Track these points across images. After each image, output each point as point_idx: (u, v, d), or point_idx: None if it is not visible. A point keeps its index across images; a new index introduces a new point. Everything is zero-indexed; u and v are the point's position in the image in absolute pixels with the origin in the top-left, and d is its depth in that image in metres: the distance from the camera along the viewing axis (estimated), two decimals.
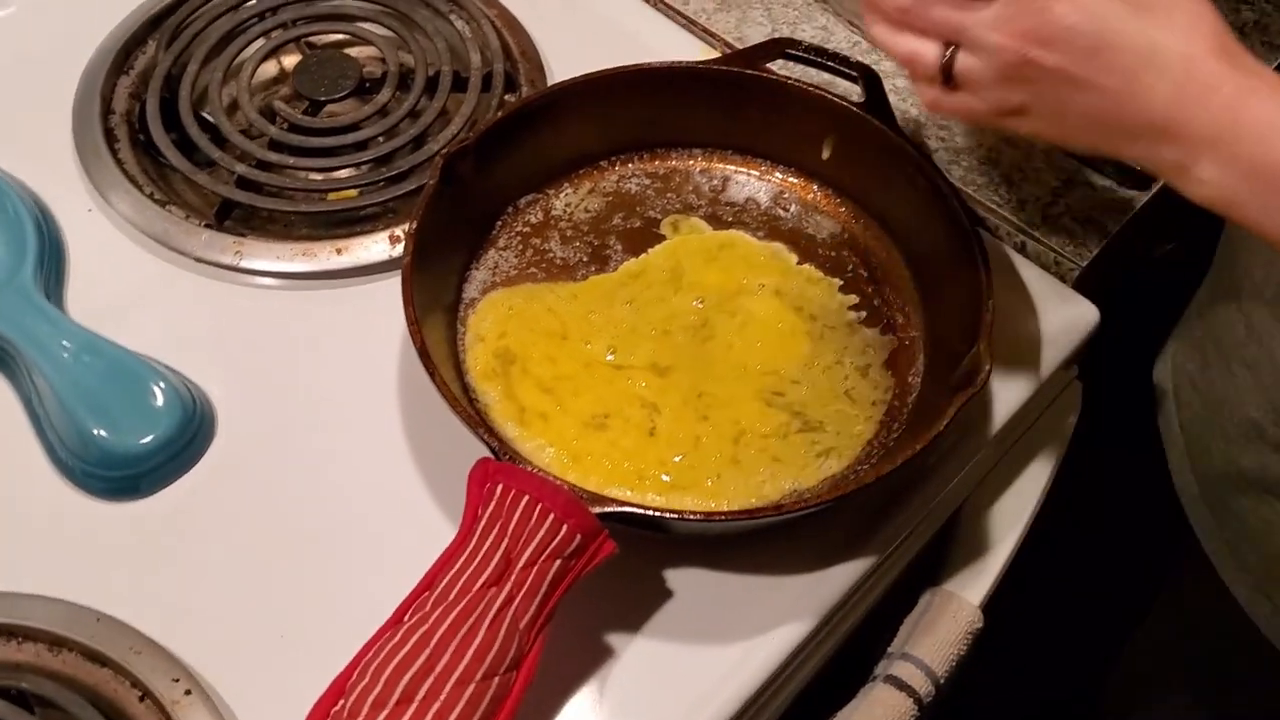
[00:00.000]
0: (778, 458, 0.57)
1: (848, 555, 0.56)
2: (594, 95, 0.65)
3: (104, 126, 0.69)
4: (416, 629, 0.45)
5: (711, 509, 0.54)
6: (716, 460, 0.57)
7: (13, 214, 0.62)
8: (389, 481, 0.57)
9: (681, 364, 0.60)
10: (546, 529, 0.47)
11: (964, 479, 0.61)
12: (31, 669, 0.49)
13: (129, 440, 0.55)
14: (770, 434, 0.58)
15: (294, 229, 0.67)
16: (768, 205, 0.67)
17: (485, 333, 0.61)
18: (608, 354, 0.60)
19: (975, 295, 0.56)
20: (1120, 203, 0.68)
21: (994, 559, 0.62)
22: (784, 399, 0.59)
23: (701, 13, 0.77)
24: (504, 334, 0.61)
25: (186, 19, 0.74)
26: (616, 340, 0.61)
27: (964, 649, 0.59)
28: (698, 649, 0.53)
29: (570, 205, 0.66)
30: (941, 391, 0.56)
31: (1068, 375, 0.67)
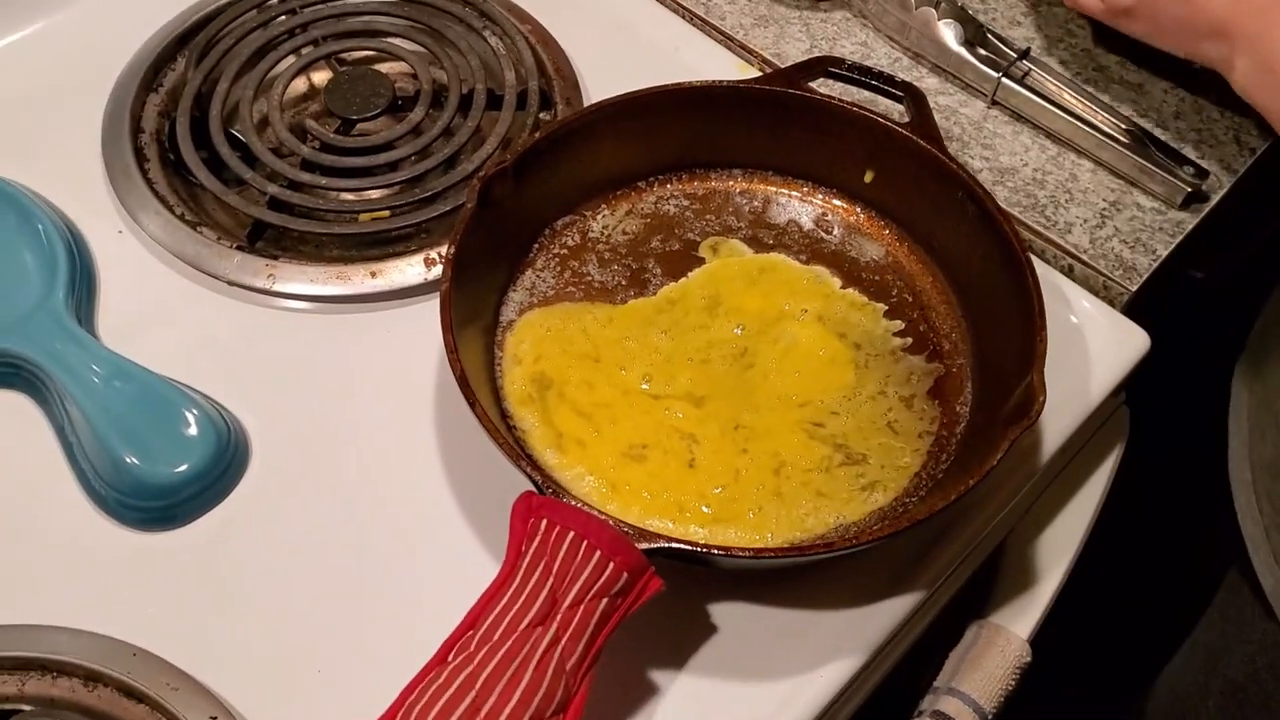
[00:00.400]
0: (821, 491, 0.55)
1: (895, 590, 0.54)
2: (633, 114, 0.64)
3: (134, 145, 0.68)
4: (461, 670, 0.44)
5: (757, 543, 0.53)
6: (758, 493, 0.55)
7: (43, 236, 0.61)
8: (426, 511, 0.56)
9: (720, 393, 0.59)
10: (593, 567, 0.46)
11: (1012, 510, 0.59)
12: (67, 705, 0.48)
13: (162, 469, 0.54)
14: (812, 467, 0.56)
15: (325, 250, 0.66)
16: (810, 228, 0.66)
17: (522, 355, 0.60)
18: (643, 383, 0.59)
19: (1027, 322, 0.55)
20: (1170, 225, 0.67)
21: (1042, 591, 0.61)
22: (825, 430, 0.58)
23: (739, 29, 0.76)
24: (540, 357, 0.60)
25: (216, 36, 0.73)
26: (653, 369, 0.59)
27: (1012, 684, 0.58)
28: (744, 686, 0.52)
29: (607, 227, 0.65)
30: (992, 421, 0.55)
31: (1115, 401, 0.66)
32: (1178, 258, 0.67)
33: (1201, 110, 0.72)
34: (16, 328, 0.58)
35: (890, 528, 0.50)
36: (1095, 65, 0.74)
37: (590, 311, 0.62)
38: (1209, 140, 0.71)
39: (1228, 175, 0.69)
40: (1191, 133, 0.71)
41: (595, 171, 0.65)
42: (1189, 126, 0.71)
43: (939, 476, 0.56)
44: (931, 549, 0.56)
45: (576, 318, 0.61)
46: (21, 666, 0.49)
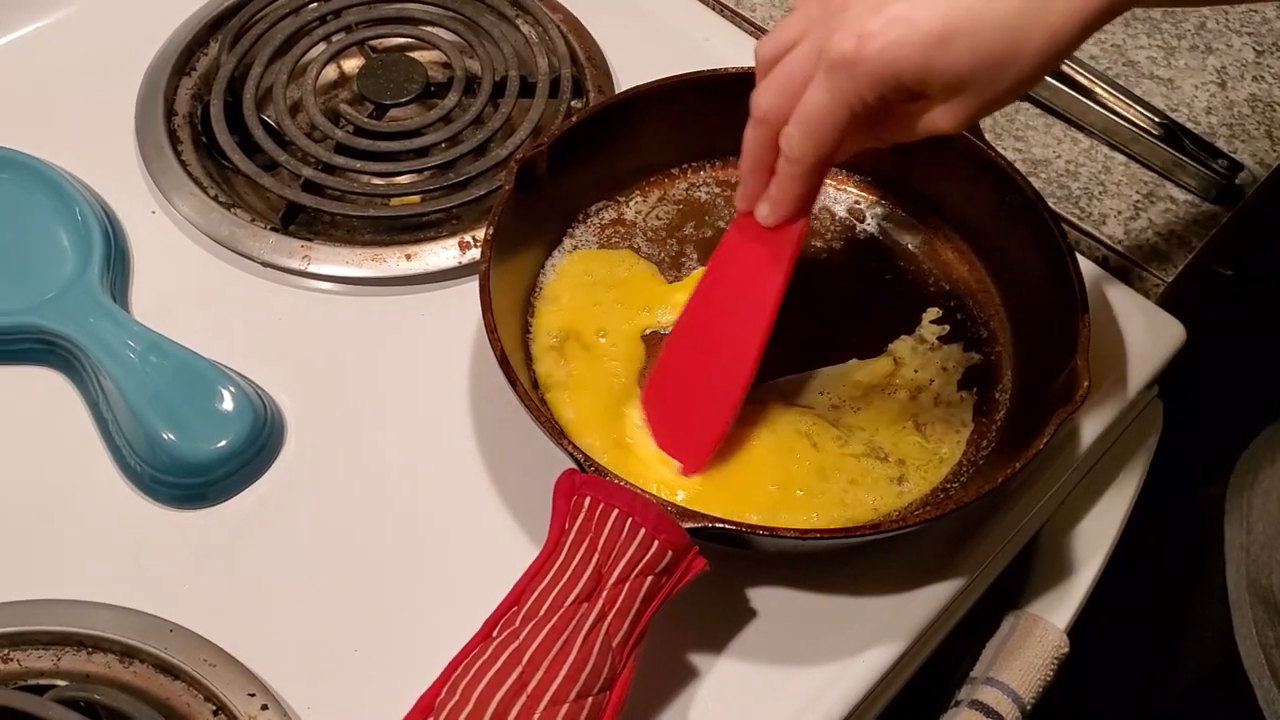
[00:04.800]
0: (855, 480, 0.55)
1: (935, 577, 0.54)
2: (668, 101, 0.64)
3: (167, 128, 0.68)
4: (507, 645, 0.44)
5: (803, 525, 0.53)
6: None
7: (78, 216, 0.61)
8: (462, 490, 0.55)
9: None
10: (638, 544, 0.46)
11: (1050, 499, 0.59)
12: (102, 680, 0.48)
13: (200, 445, 0.53)
14: (849, 453, 0.56)
15: (357, 234, 0.66)
16: (843, 215, 0.66)
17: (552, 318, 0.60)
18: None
19: (1068, 308, 0.54)
20: (1205, 217, 0.67)
21: (1078, 583, 0.61)
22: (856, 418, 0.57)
23: (769, 20, 0.76)
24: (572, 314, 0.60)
25: (249, 21, 0.73)
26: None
27: (1050, 674, 0.57)
28: (784, 671, 0.51)
29: (641, 212, 0.65)
30: (1032, 409, 0.54)
31: (1149, 394, 0.65)
32: (1209, 252, 0.67)
33: (1233, 105, 0.72)
34: (52, 304, 0.57)
35: (935, 511, 0.49)
36: (1125, 60, 0.74)
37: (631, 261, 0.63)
38: (1240, 135, 0.71)
39: (1261, 169, 0.69)
40: (1223, 127, 0.71)
41: (629, 157, 0.65)
42: (1220, 121, 0.71)
43: (979, 463, 0.56)
44: (972, 536, 0.55)
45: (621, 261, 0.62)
46: (57, 642, 0.49)
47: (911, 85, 0.42)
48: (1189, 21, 0.77)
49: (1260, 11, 0.77)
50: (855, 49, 0.41)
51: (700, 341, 0.56)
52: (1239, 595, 0.63)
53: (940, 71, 0.41)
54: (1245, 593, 0.63)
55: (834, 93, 0.43)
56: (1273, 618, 0.61)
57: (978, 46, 0.41)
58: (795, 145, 0.46)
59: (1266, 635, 0.61)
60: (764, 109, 0.47)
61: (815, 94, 0.44)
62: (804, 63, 0.44)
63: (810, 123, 0.44)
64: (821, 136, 0.44)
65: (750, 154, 0.49)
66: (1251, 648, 0.62)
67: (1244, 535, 0.64)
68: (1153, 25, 0.76)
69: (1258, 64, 0.74)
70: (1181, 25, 0.76)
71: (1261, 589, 0.62)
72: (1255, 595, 0.62)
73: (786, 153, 0.46)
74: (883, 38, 0.41)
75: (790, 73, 0.45)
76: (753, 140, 0.48)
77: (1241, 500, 0.65)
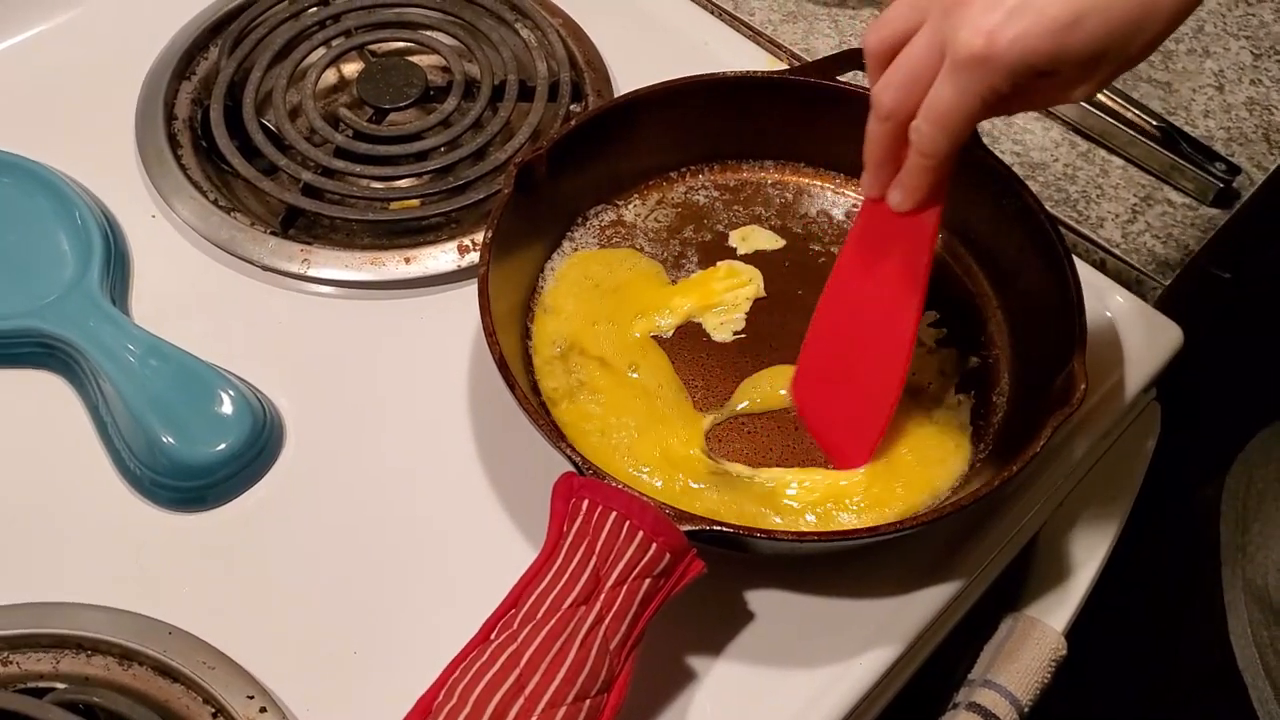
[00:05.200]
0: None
1: (933, 579, 0.54)
2: (666, 104, 0.64)
3: (167, 132, 0.68)
4: (505, 648, 0.44)
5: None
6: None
7: (78, 219, 0.61)
8: (460, 493, 0.56)
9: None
10: (636, 547, 0.46)
11: (1048, 502, 0.59)
12: (102, 683, 0.48)
13: (199, 448, 0.53)
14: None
15: (356, 238, 0.66)
16: (841, 219, 0.66)
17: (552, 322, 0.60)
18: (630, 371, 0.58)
19: (1065, 311, 0.55)
20: (1203, 221, 0.67)
21: (1076, 585, 0.61)
22: None
23: (768, 24, 0.76)
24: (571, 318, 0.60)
25: (248, 26, 0.73)
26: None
27: (1048, 677, 0.57)
28: (781, 673, 0.52)
29: (640, 215, 0.65)
30: (1029, 411, 0.55)
31: (1147, 397, 0.65)
32: (1207, 255, 0.67)
33: (1231, 109, 0.72)
34: (52, 307, 0.58)
35: (932, 514, 0.50)
36: None
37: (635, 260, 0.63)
38: (1238, 139, 0.71)
39: (1259, 173, 0.69)
40: (1221, 131, 0.71)
41: (628, 161, 0.65)
42: (1218, 125, 0.71)
43: (976, 465, 0.56)
44: (970, 539, 0.55)
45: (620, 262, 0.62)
46: (56, 644, 0.49)
47: (1045, 70, 0.42)
48: (1186, 25, 0.77)
49: (1258, 15, 0.78)
50: (986, 45, 0.41)
51: (847, 333, 0.56)
52: (1234, 596, 0.63)
53: (1074, 53, 0.41)
54: (1241, 593, 0.63)
55: (966, 89, 0.43)
56: (1268, 617, 0.61)
57: (1110, 21, 0.41)
58: (928, 141, 0.46)
59: (1261, 635, 0.61)
60: (889, 107, 0.46)
61: (946, 91, 0.43)
62: (926, 58, 0.44)
63: (944, 119, 0.44)
64: (955, 130, 0.45)
65: (877, 148, 0.49)
66: (1246, 647, 0.62)
67: (1240, 536, 0.64)
68: None
69: (1255, 68, 0.75)
70: (1179, 29, 0.76)
71: (1257, 589, 0.62)
72: (1250, 595, 0.62)
73: (919, 147, 0.46)
74: (1012, 30, 0.41)
75: (913, 69, 0.45)
76: (879, 135, 0.48)
77: (1237, 501, 0.65)
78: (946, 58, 0.43)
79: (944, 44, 0.43)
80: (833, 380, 0.56)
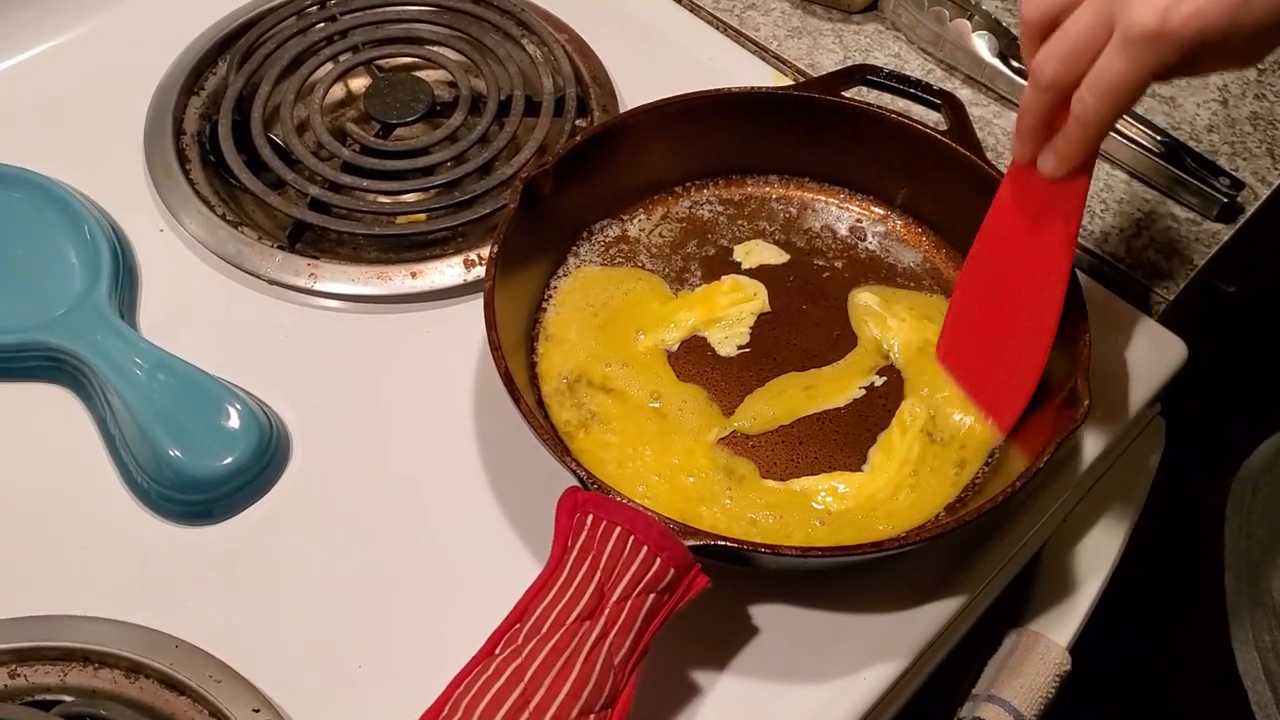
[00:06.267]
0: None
1: (937, 594, 0.54)
2: (672, 119, 0.64)
3: (175, 146, 0.68)
4: (510, 663, 0.44)
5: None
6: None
7: (87, 234, 0.62)
8: (466, 506, 0.56)
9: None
10: (640, 562, 0.46)
11: (1052, 516, 0.59)
12: (109, 695, 0.48)
13: (206, 461, 0.54)
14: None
15: (363, 252, 0.66)
16: (844, 234, 0.66)
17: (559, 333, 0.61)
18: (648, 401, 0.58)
19: (1070, 327, 0.55)
20: (1207, 235, 0.67)
21: (1080, 600, 0.61)
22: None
23: (773, 40, 0.76)
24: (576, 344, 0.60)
25: (256, 41, 0.74)
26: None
27: (1052, 691, 0.57)
28: (785, 688, 0.52)
29: (644, 230, 0.66)
30: (1034, 426, 0.55)
31: (1151, 411, 0.65)
32: (1211, 270, 0.67)
33: (1235, 124, 0.72)
34: (61, 321, 0.58)
35: (936, 529, 0.50)
36: None
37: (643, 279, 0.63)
38: (1243, 154, 0.71)
39: (1263, 187, 0.69)
40: (1225, 146, 0.71)
41: (633, 176, 0.65)
42: (1222, 140, 0.72)
43: (979, 481, 0.56)
44: (974, 554, 0.56)
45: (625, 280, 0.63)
46: (63, 657, 0.49)
47: (1217, 43, 0.42)
48: None
49: None
50: (1160, 22, 0.41)
51: (994, 304, 0.57)
52: (1238, 601, 0.63)
53: (1248, 26, 0.41)
54: (1245, 599, 0.63)
55: (1138, 63, 0.43)
56: (1271, 623, 0.61)
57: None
58: (1093, 111, 0.46)
59: (1263, 640, 0.61)
60: (1050, 78, 0.46)
61: (1115, 64, 0.44)
62: (1092, 30, 0.44)
63: (1112, 92, 0.45)
64: (1122, 102, 0.45)
65: (1033, 116, 0.49)
66: (1247, 652, 0.62)
67: (1244, 541, 0.64)
68: None
69: (1259, 82, 0.75)
70: None
71: (1260, 594, 0.62)
72: (1254, 601, 0.62)
73: (1082, 116, 0.46)
74: (1187, 6, 0.41)
75: (1078, 41, 0.45)
76: (1037, 105, 0.48)
77: (1243, 507, 0.65)
78: (1117, 32, 0.43)
79: (1112, 18, 0.43)
80: (982, 341, 0.58)
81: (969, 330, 0.58)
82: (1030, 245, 0.54)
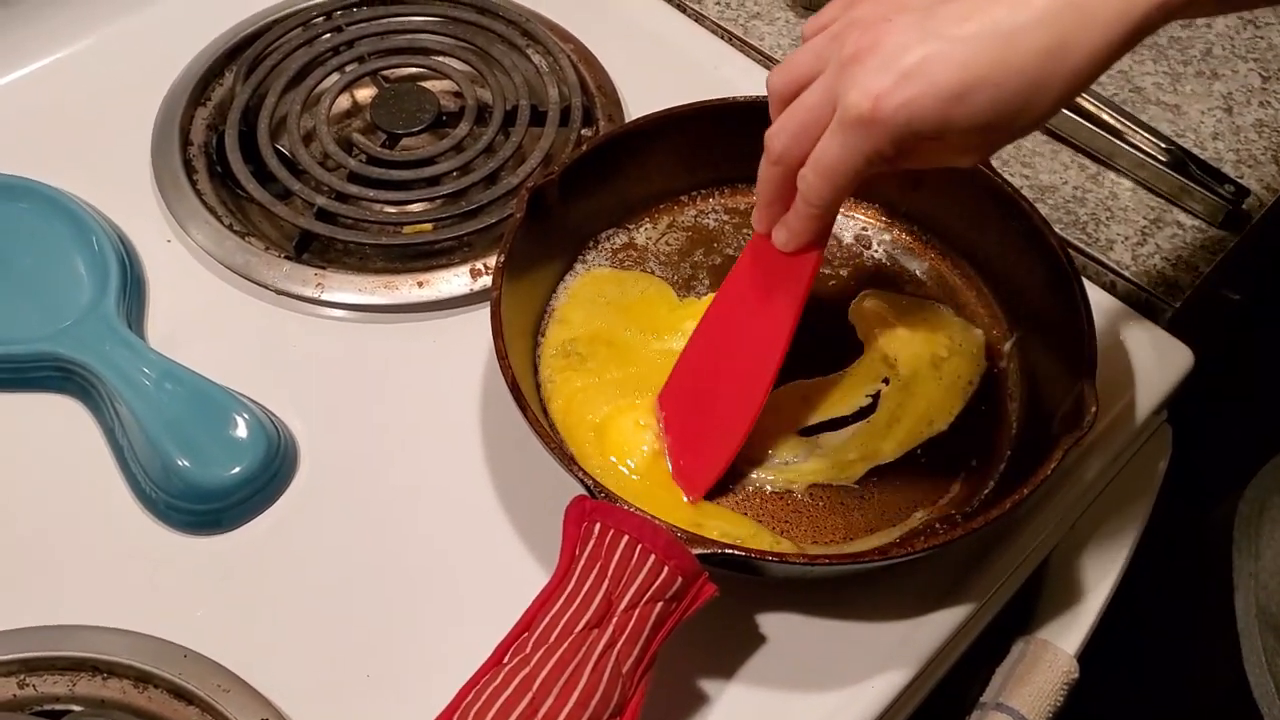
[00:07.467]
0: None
1: (944, 602, 0.54)
2: (678, 128, 0.64)
3: (183, 157, 0.69)
4: (518, 671, 0.44)
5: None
6: None
7: (95, 245, 0.62)
8: (473, 515, 0.56)
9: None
10: (648, 570, 0.46)
11: (1059, 524, 0.59)
12: (118, 705, 0.48)
13: (214, 471, 0.54)
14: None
15: (369, 262, 0.66)
16: (849, 242, 0.66)
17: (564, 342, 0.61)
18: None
19: (1075, 334, 0.55)
20: (1212, 242, 0.67)
21: (1087, 608, 0.61)
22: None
23: (778, 48, 0.77)
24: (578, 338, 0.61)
25: (263, 52, 0.74)
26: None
27: (1060, 700, 0.57)
28: (793, 697, 0.52)
29: (651, 239, 0.66)
30: (1039, 435, 0.55)
31: (1158, 419, 0.65)
32: (1217, 277, 0.67)
33: (1239, 131, 0.72)
34: (68, 332, 0.58)
35: (943, 537, 0.50)
36: (1132, 86, 0.75)
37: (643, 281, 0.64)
38: (1248, 161, 0.71)
39: (1269, 194, 0.69)
40: (1230, 153, 0.71)
41: (639, 185, 0.66)
42: (1227, 147, 0.72)
43: (988, 489, 0.56)
44: (981, 562, 0.55)
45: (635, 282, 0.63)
46: (73, 667, 0.49)
47: (930, 136, 0.42)
48: (1195, 48, 0.77)
49: (1266, 38, 0.78)
50: (871, 110, 0.41)
51: (714, 363, 0.56)
52: (1247, 623, 0.63)
53: (959, 123, 0.41)
54: (1254, 620, 0.63)
55: (850, 148, 0.43)
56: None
57: (998, 98, 0.40)
58: (813, 191, 0.46)
59: (1276, 663, 0.61)
60: (778, 151, 0.47)
61: (831, 146, 0.44)
62: (818, 109, 0.44)
63: (828, 173, 0.45)
64: (838, 184, 0.45)
65: (766, 189, 0.49)
66: (1260, 675, 0.61)
67: (1253, 563, 0.64)
68: (1159, 51, 0.77)
69: (1264, 90, 0.75)
70: (1188, 51, 0.77)
71: (1270, 616, 0.62)
72: (1264, 623, 0.62)
73: (804, 195, 0.47)
74: (899, 95, 0.40)
75: (804, 118, 0.45)
76: (769, 177, 0.49)
77: (1250, 528, 0.65)
78: (836, 113, 0.43)
79: (835, 98, 0.43)
80: (694, 407, 0.56)
81: (687, 391, 0.57)
82: (756, 316, 0.54)
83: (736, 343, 0.55)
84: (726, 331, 0.56)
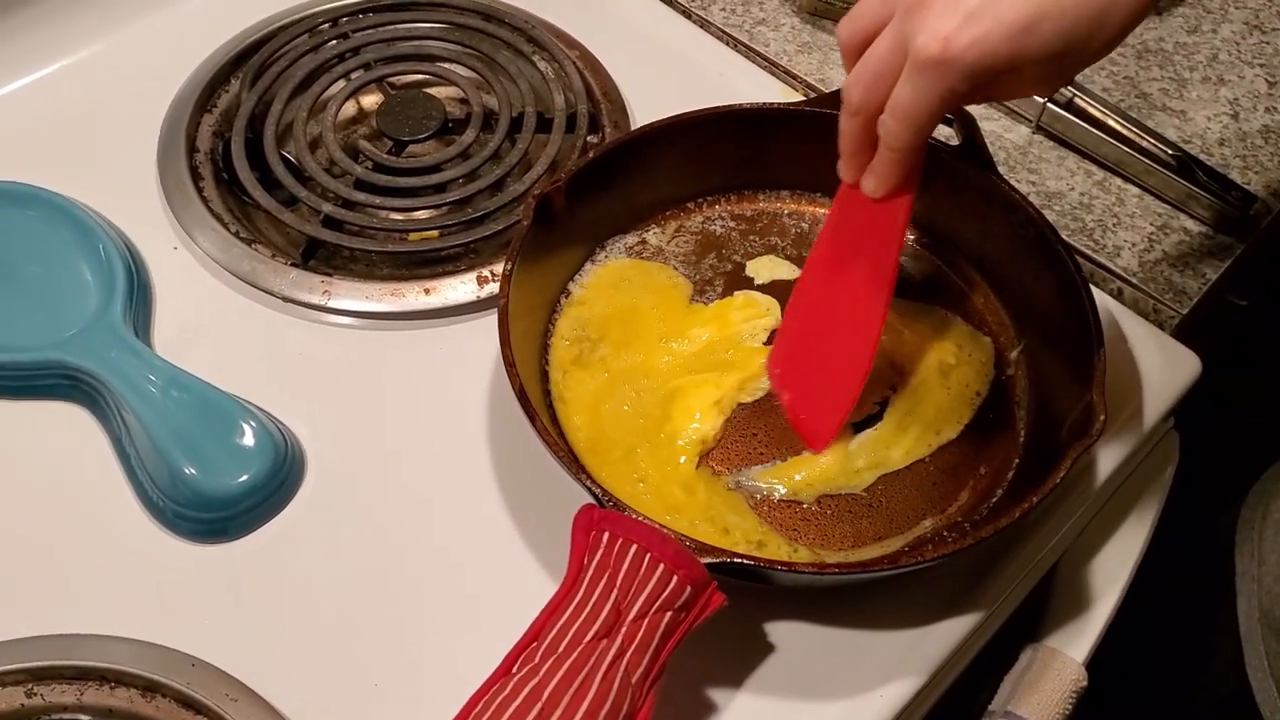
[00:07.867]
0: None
1: (953, 610, 0.54)
2: (684, 135, 0.64)
3: (189, 164, 0.69)
4: (527, 681, 0.44)
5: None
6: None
7: (101, 252, 0.62)
8: (481, 524, 0.56)
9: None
10: (656, 580, 0.46)
11: (1067, 532, 0.59)
12: (125, 715, 0.48)
13: (221, 479, 0.54)
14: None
15: (376, 269, 0.66)
16: None
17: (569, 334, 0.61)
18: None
19: (1083, 341, 0.55)
20: (1219, 249, 0.67)
21: (1096, 616, 0.60)
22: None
23: (783, 55, 0.77)
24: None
25: (269, 59, 0.74)
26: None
27: (1068, 708, 0.57)
28: (802, 705, 0.51)
29: (662, 243, 0.66)
30: (1047, 443, 0.55)
31: (1165, 425, 0.65)
32: (1224, 284, 0.67)
33: (1246, 137, 0.72)
34: (75, 340, 0.58)
35: (953, 545, 0.49)
36: (1138, 92, 0.75)
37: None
38: (1254, 167, 0.71)
39: (1275, 200, 0.69)
40: (1236, 159, 0.71)
41: (645, 192, 0.66)
42: (1234, 153, 0.71)
43: (996, 498, 0.56)
44: (989, 570, 0.55)
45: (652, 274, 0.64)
46: (80, 676, 0.49)
47: (1003, 70, 0.43)
48: (1201, 54, 0.77)
49: (1272, 43, 0.78)
50: (941, 51, 0.42)
51: (820, 318, 0.57)
52: (1250, 628, 0.63)
53: (1031, 54, 0.42)
54: (1257, 625, 0.63)
55: (926, 90, 0.44)
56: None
57: (1066, 23, 0.41)
58: (894, 136, 0.47)
59: (1278, 667, 0.61)
60: (857, 102, 0.48)
61: (907, 91, 0.44)
62: (889, 56, 0.45)
63: (907, 117, 0.45)
64: (919, 126, 0.46)
65: (849, 140, 0.50)
66: (1263, 680, 0.61)
67: (1255, 567, 0.64)
68: (1165, 57, 0.77)
69: (1270, 95, 0.75)
70: (1194, 57, 0.77)
71: (1273, 620, 0.62)
72: (1267, 627, 0.62)
73: (886, 140, 0.48)
74: (968, 34, 0.41)
75: (877, 67, 0.46)
76: (850, 129, 0.50)
77: (1252, 532, 0.65)
78: (908, 61, 0.44)
79: (905, 43, 0.44)
80: (805, 362, 0.58)
81: (796, 349, 0.58)
82: (855, 267, 0.55)
83: (840, 295, 0.56)
84: (829, 285, 0.57)
